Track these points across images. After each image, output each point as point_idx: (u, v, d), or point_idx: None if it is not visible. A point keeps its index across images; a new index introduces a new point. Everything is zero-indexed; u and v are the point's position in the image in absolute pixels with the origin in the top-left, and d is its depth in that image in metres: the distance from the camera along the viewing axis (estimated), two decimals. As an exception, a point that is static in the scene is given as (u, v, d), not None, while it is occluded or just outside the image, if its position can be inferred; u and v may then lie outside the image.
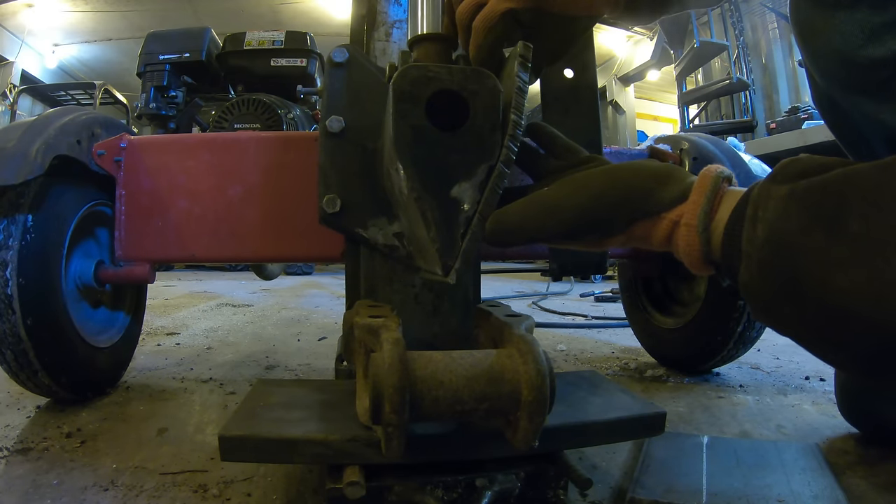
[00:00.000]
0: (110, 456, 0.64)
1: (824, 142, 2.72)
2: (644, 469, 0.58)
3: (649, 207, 0.46)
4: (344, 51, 0.62)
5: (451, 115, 0.51)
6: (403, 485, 0.45)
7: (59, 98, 5.90)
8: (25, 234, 0.71)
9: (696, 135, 0.96)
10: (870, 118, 0.53)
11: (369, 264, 0.60)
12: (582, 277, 3.05)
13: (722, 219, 0.43)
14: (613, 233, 0.48)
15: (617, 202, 0.47)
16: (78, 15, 6.19)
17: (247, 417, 0.49)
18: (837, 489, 0.54)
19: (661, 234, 0.47)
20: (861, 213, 0.33)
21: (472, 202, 0.49)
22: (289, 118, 2.94)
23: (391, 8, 0.86)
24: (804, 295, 0.36)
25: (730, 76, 4.52)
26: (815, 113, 3.43)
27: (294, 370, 1.10)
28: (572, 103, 0.73)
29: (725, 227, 0.43)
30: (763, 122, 4.43)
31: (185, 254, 0.81)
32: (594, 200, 0.48)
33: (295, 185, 0.79)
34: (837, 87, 0.55)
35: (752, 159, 0.92)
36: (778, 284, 0.37)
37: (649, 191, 0.46)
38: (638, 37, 6.56)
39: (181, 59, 3.14)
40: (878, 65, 0.48)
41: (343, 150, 0.59)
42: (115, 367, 0.92)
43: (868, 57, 0.48)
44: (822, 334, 0.36)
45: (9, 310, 0.70)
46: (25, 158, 0.68)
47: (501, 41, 0.55)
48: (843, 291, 0.33)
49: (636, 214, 0.47)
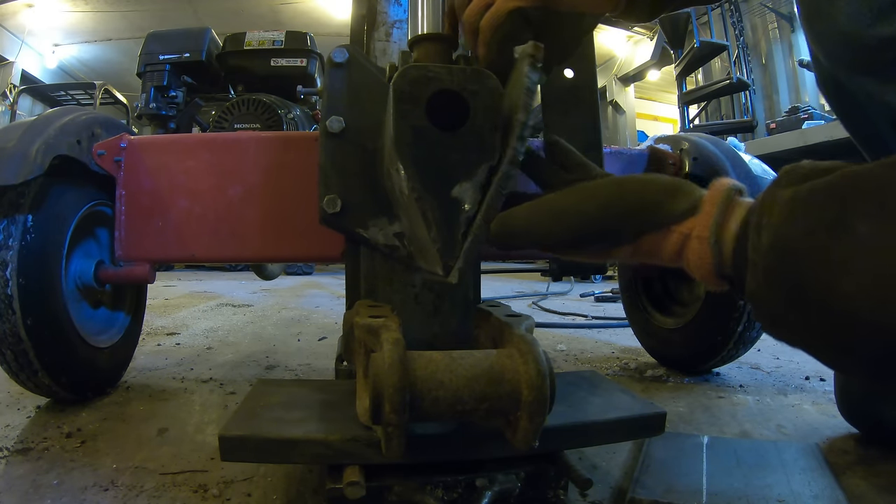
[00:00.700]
0: (110, 456, 0.64)
1: (824, 142, 2.72)
2: (644, 469, 0.58)
3: (659, 219, 0.45)
4: (344, 51, 0.62)
5: (452, 115, 0.51)
6: (403, 485, 0.45)
7: (59, 98, 5.90)
8: (25, 234, 0.71)
9: (697, 135, 0.96)
10: (875, 99, 0.52)
11: (369, 264, 0.60)
12: (582, 277, 3.06)
13: (732, 230, 0.42)
14: (620, 243, 0.47)
15: (626, 212, 0.46)
16: (78, 15, 6.19)
17: (247, 417, 0.49)
18: (837, 489, 0.54)
19: (671, 247, 0.45)
20: (866, 213, 0.32)
21: (472, 202, 0.49)
22: (289, 118, 2.94)
23: (391, 8, 0.86)
24: (809, 301, 0.35)
25: (730, 76, 4.52)
26: (816, 113, 3.43)
27: (294, 370, 1.10)
28: (572, 103, 0.73)
29: (735, 236, 0.41)
30: (763, 122, 4.43)
31: (185, 254, 0.81)
32: (602, 210, 0.47)
33: (295, 186, 0.79)
34: (843, 69, 0.54)
35: (753, 159, 0.92)
36: (784, 291, 0.36)
37: (659, 203, 0.46)
38: (638, 37, 6.56)
39: (181, 59, 3.14)
40: (886, 44, 0.47)
41: (343, 150, 0.59)
42: (115, 367, 0.92)
43: (875, 36, 0.47)
44: (828, 340, 0.36)
45: (9, 310, 0.70)
46: (25, 158, 0.68)
47: (510, 40, 0.55)
48: (849, 296, 0.32)
49: (645, 227, 0.46)
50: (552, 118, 0.72)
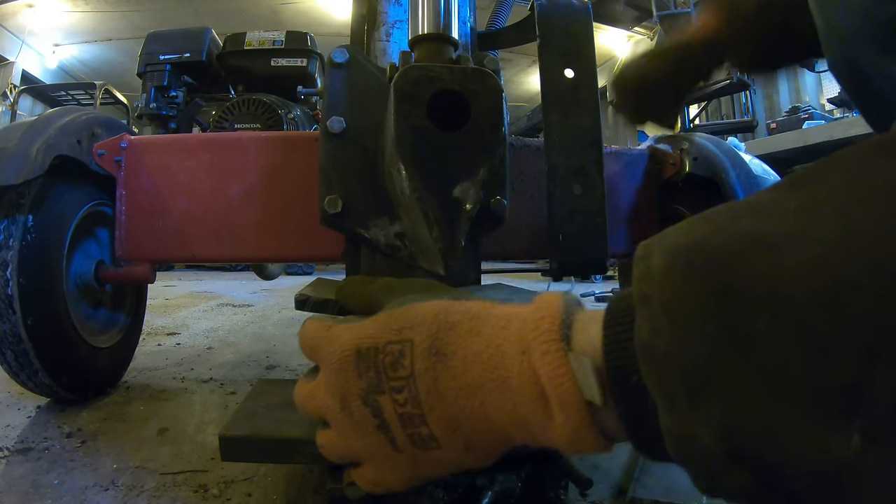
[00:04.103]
0: (111, 456, 0.64)
1: (824, 142, 2.72)
2: (644, 469, 0.58)
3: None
4: (344, 51, 0.62)
5: (453, 115, 0.51)
6: (404, 485, 0.45)
7: (59, 98, 5.90)
8: (26, 234, 0.71)
9: (697, 135, 0.96)
10: (894, 81, 0.49)
11: (370, 264, 0.60)
12: (582, 277, 3.05)
13: (591, 330, 0.28)
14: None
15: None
16: (78, 15, 6.19)
17: (247, 417, 0.49)
18: (838, 489, 0.54)
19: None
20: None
21: (474, 202, 0.49)
22: (289, 118, 2.94)
23: (391, 8, 0.86)
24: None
25: (730, 76, 4.51)
26: (816, 113, 3.43)
27: (295, 370, 1.10)
28: (572, 103, 0.73)
29: (604, 327, 0.27)
30: (763, 122, 4.43)
31: (185, 254, 0.81)
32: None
33: (295, 186, 0.79)
34: (862, 49, 0.50)
35: (753, 159, 0.92)
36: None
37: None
38: (638, 37, 6.56)
39: (182, 59, 3.14)
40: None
41: (344, 150, 0.59)
42: (115, 367, 0.92)
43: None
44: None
45: (9, 310, 0.70)
46: (26, 158, 0.68)
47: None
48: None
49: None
50: (552, 118, 0.72)
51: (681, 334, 0.23)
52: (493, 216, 0.59)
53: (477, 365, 0.31)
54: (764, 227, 0.23)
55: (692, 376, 0.23)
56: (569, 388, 0.27)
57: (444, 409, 0.32)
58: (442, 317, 0.34)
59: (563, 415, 0.28)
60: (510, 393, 0.29)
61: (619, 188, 0.89)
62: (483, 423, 0.32)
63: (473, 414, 0.31)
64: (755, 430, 0.22)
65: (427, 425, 0.33)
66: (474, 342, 0.32)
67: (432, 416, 0.32)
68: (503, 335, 0.31)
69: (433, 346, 0.33)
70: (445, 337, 0.33)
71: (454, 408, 0.32)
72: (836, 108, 4.02)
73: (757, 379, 0.21)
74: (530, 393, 0.28)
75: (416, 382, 0.32)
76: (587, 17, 0.74)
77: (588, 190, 0.69)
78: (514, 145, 0.82)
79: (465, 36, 0.81)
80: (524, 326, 0.30)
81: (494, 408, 0.31)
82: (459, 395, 0.31)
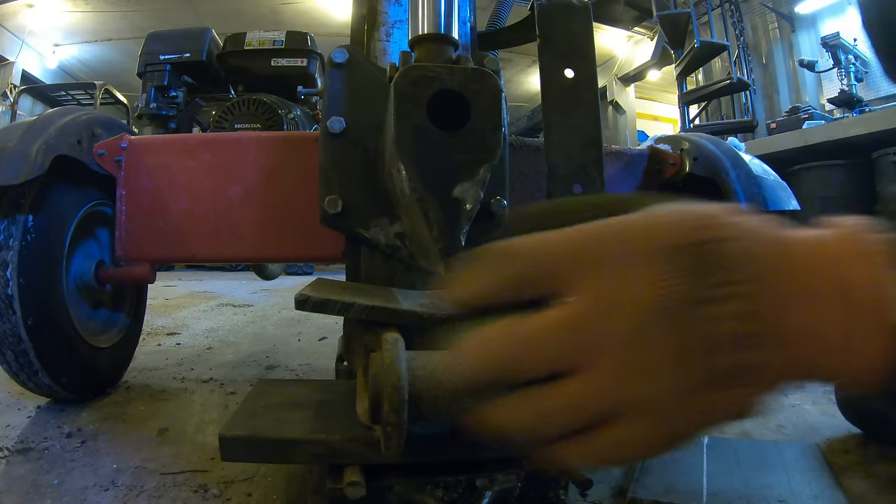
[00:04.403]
0: (110, 456, 0.64)
1: (825, 142, 2.71)
2: (644, 469, 0.58)
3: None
4: (344, 51, 0.62)
5: (453, 115, 0.51)
6: (404, 485, 0.45)
7: (59, 98, 5.90)
8: (26, 234, 0.71)
9: (697, 135, 0.96)
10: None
11: (370, 264, 0.60)
12: (582, 277, 3.04)
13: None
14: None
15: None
16: (78, 15, 6.19)
17: (247, 417, 0.49)
18: (837, 489, 0.54)
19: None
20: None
21: (474, 202, 0.49)
22: (289, 118, 2.94)
23: (391, 8, 0.86)
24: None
25: (730, 76, 4.51)
26: (816, 113, 3.43)
27: (294, 370, 1.10)
28: (572, 103, 0.73)
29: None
30: (763, 122, 4.43)
31: (185, 253, 0.81)
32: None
33: (295, 186, 0.79)
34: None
35: (753, 159, 0.92)
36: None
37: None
38: (638, 37, 6.56)
39: (182, 59, 3.13)
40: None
41: (344, 150, 0.59)
42: (115, 367, 0.92)
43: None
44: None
45: (9, 310, 0.70)
46: (26, 159, 0.68)
47: None
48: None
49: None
50: (552, 118, 0.72)
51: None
52: (493, 216, 0.59)
53: (808, 272, 0.25)
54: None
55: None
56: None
57: (788, 324, 0.25)
58: (740, 218, 0.26)
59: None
60: (825, 302, 0.25)
61: (619, 188, 0.89)
62: (812, 343, 0.25)
63: (803, 331, 0.25)
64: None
65: (764, 348, 0.25)
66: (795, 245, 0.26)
67: (771, 337, 0.25)
68: (819, 243, 0.26)
69: (751, 247, 0.25)
70: (762, 236, 0.26)
71: (790, 326, 0.25)
72: (836, 108, 4.02)
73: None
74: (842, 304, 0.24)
75: (762, 287, 0.25)
76: (587, 17, 0.74)
77: (588, 190, 0.69)
78: (514, 145, 0.82)
79: (465, 36, 0.81)
80: (843, 236, 0.26)
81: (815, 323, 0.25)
82: (796, 309, 0.25)
